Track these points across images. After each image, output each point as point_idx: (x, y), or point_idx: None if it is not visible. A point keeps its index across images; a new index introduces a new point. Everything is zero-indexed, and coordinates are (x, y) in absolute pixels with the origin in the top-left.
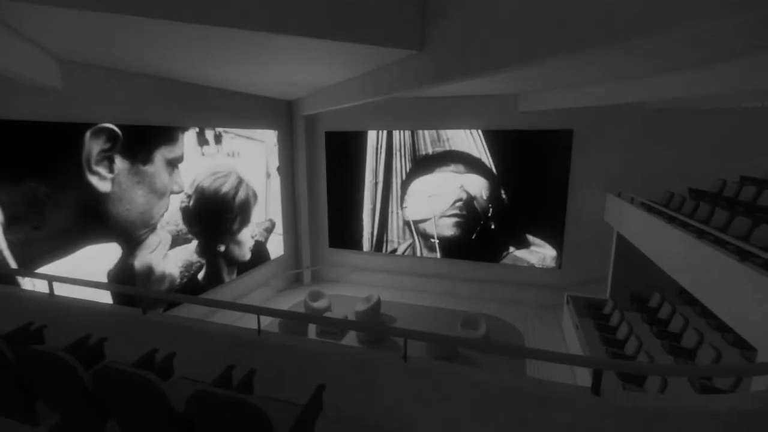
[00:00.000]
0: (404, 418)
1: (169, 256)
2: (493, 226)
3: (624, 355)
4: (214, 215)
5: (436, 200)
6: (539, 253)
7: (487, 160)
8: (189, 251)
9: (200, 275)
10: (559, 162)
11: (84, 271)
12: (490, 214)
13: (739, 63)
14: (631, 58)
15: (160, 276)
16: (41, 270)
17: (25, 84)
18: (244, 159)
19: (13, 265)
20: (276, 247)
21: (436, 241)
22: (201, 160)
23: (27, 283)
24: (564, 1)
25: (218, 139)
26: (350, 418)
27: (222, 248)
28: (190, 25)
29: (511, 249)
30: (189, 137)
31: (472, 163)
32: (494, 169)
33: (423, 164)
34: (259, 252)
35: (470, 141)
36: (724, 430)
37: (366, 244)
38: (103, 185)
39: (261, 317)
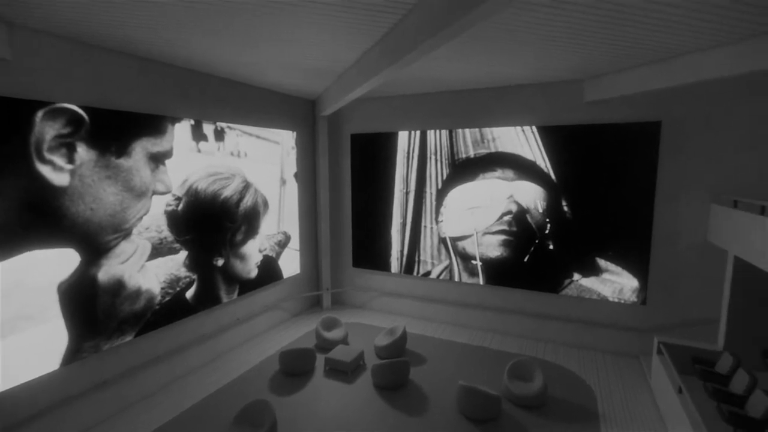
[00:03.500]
0: None
1: (147, 268)
2: (551, 246)
3: None
4: (210, 223)
5: (479, 213)
6: (614, 282)
7: (544, 163)
8: (176, 263)
9: (189, 293)
10: (642, 164)
11: (25, 281)
12: (547, 231)
13: None
14: None
15: (133, 292)
16: None
17: None
18: (253, 161)
19: None
20: (290, 265)
21: (479, 263)
22: (196, 158)
23: None
24: None
25: (220, 135)
26: None
27: (220, 262)
28: None
29: (576, 276)
30: (182, 130)
31: (524, 168)
32: (553, 175)
33: (463, 170)
34: (269, 269)
35: (522, 141)
36: None
37: (395, 265)
38: (58, 177)
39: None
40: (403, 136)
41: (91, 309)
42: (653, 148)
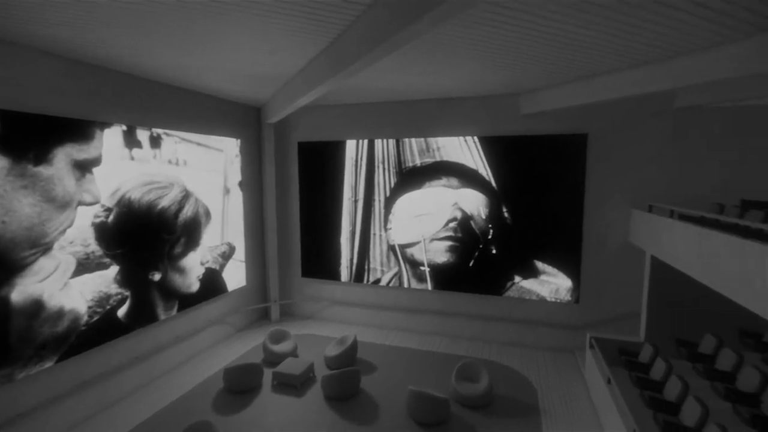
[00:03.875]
0: None
1: (71, 286)
2: (494, 251)
3: (682, 425)
4: (146, 235)
5: (426, 220)
6: (551, 283)
7: (485, 172)
8: (105, 280)
9: (121, 311)
10: (572, 173)
11: None
12: (490, 237)
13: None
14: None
15: (54, 313)
16: None
17: None
18: (194, 169)
19: None
20: (236, 277)
21: (427, 269)
22: (129, 166)
23: None
24: None
25: (156, 141)
26: None
27: (156, 277)
28: None
29: (517, 279)
30: (112, 136)
31: (467, 176)
32: (494, 183)
33: (410, 178)
34: (212, 282)
35: (465, 150)
36: None
37: (344, 274)
38: None
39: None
40: (351, 145)
41: (2, 334)
42: (581, 158)
